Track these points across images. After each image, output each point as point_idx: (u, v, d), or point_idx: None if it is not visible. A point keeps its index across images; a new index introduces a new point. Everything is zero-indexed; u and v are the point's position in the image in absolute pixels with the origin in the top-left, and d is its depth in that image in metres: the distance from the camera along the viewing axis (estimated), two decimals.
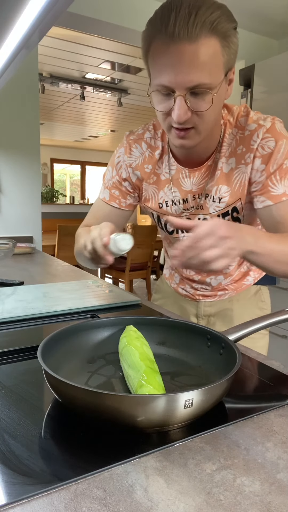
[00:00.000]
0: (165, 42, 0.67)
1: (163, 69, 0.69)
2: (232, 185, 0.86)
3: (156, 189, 0.95)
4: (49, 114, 6.48)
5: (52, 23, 0.69)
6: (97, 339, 0.70)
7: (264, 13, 2.67)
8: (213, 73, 0.69)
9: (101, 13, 2.34)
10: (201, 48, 0.66)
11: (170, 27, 0.65)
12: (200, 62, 0.67)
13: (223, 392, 0.52)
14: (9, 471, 0.42)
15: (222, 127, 0.85)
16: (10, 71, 0.99)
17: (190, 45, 0.65)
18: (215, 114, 0.76)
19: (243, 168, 0.84)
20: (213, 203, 0.89)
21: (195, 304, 1.10)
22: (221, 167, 0.86)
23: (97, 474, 0.42)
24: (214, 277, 1.04)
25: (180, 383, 0.61)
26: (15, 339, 0.82)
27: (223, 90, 0.74)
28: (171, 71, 0.68)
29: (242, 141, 0.83)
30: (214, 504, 0.38)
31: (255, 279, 1.07)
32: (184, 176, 0.90)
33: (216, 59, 0.68)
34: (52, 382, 0.51)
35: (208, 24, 0.65)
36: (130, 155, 0.95)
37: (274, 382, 0.65)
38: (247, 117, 0.83)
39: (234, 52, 0.72)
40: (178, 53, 0.66)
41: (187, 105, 0.71)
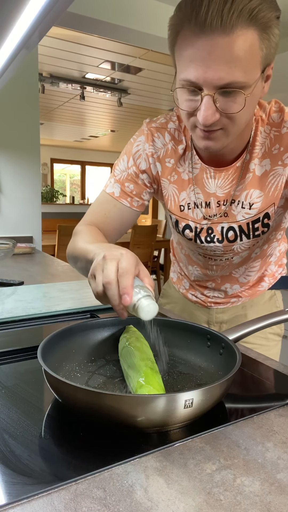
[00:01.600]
0: (195, 32, 0.58)
1: (190, 63, 0.60)
2: (266, 190, 0.77)
3: (177, 190, 0.84)
4: (49, 114, 6.48)
5: (52, 23, 0.69)
6: (97, 339, 0.70)
7: None
8: (249, 70, 0.60)
9: (101, 13, 2.34)
10: (237, 41, 0.57)
11: (202, 15, 0.56)
12: (234, 57, 0.58)
13: (223, 392, 0.52)
14: (9, 471, 0.42)
15: (254, 125, 0.75)
16: (10, 71, 0.99)
17: (224, 37, 0.56)
18: (248, 116, 0.67)
19: (280, 170, 0.75)
20: (242, 210, 0.79)
21: (206, 310, 1.03)
22: (253, 169, 0.76)
23: (97, 474, 0.42)
24: (230, 285, 0.97)
25: (180, 383, 0.61)
26: (15, 339, 0.82)
27: (258, 89, 0.64)
28: (199, 66, 0.59)
29: (279, 140, 0.73)
30: (214, 504, 0.38)
31: (269, 284, 1.01)
32: (208, 176, 0.80)
33: (253, 54, 0.59)
34: (52, 382, 0.51)
35: (247, 12, 0.56)
36: (152, 144, 0.83)
37: (274, 382, 0.65)
38: (282, 113, 0.74)
39: (274, 46, 0.63)
40: (210, 45, 0.57)
41: (216, 106, 0.62)
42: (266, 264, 0.97)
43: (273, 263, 1.00)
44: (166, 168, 0.83)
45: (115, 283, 0.53)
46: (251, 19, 0.56)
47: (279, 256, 1.00)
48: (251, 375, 0.67)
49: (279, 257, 1.01)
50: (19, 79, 2.27)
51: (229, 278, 0.96)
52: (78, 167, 10.27)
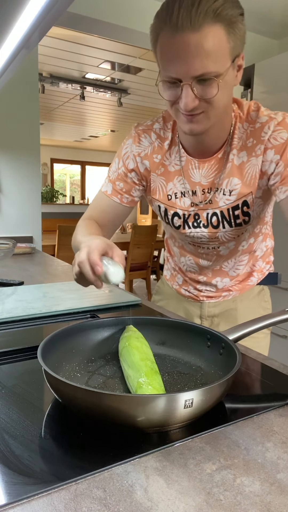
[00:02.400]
0: (171, 33, 0.68)
1: (169, 60, 0.70)
2: (244, 178, 0.85)
3: (164, 181, 0.93)
4: (49, 114, 6.48)
5: (52, 23, 0.69)
6: (97, 339, 0.70)
7: (264, 13, 2.67)
8: (219, 60, 0.69)
9: (101, 13, 2.34)
10: (206, 37, 0.66)
11: (174, 18, 0.66)
12: (204, 51, 0.67)
13: (223, 392, 0.52)
14: (9, 471, 0.42)
15: (233, 120, 0.85)
16: (10, 71, 0.99)
17: (194, 34, 0.66)
18: (225, 100, 0.75)
19: (254, 160, 0.83)
20: (223, 196, 0.88)
21: (198, 305, 1.09)
22: (232, 159, 0.85)
23: (97, 474, 0.42)
24: (220, 279, 1.03)
25: (180, 383, 0.61)
26: (15, 339, 0.82)
27: (230, 76, 0.73)
28: (177, 62, 0.69)
29: (253, 134, 0.83)
30: (214, 504, 0.38)
31: (258, 279, 1.07)
32: (193, 167, 0.89)
33: (221, 46, 0.68)
34: (52, 382, 0.51)
35: (211, 12, 0.65)
36: (139, 145, 0.93)
37: (274, 382, 0.65)
38: (258, 112, 0.84)
39: (241, 38, 0.71)
40: (183, 43, 0.67)
41: (194, 93, 0.71)
42: (253, 258, 1.04)
43: (260, 259, 1.06)
44: (154, 163, 0.93)
45: (86, 261, 0.67)
46: (216, 17, 0.66)
47: (266, 252, 1.06)
48: (251, 375, 0.67)
49: (266, 254, 1.07)
50: (19, 79, 2.27)
51: (220, 272, 1.03)
52: (78, 167, 10.27)
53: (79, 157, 10.01)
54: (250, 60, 2.95)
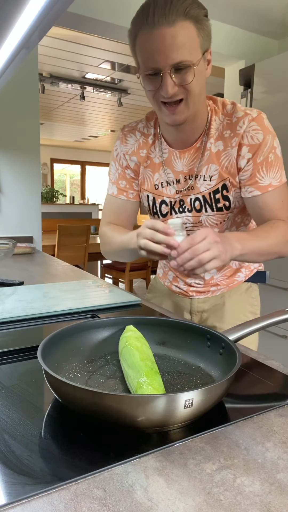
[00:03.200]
0: (149, 30, 0.77)
1: (149, 53, 0.79)
2: (221, 165, 0.93)
3: (151, 172, 1.02)
4: (49, 114, 6.48)
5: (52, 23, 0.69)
6: (97, 339, 0.70)
7: (264, 13, 2.67)
8: (192, 51, 0.79)
9: (101, 13, 2.34)
10: (179, 30, 0.76)
11: (151, 18, 0.77)
12: (179, 42, 0.77)
13: (223, 392, 0.52)
14: (9, 471, 0.42)
15: (209, 113, 0.94)
16: (10, 71, 0.99)
17: (169, 28, 0.76)
18: (199, 87, 0.84)
19: (229, 150, 0.92)
20: (204, 182, 0.96)
21: (188, 300, 1.14)
22: (209, 147, 0.93)
23: (97, 474, 0.42)
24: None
25: (180, 383, 0.61)
26: (15, 339, 0.82)
27: (202, 67, 0.83)
28: (156, 53, 0.78)
29: (229, 126, 0.91)
30: (214, 504, 0.38)
31: (246, 276, 1.12)
32: (175, 157, 0.98)
33: (192, 39, 0.78)
34: (52, 382, 0.51)
35: (182, 10, 0.76)
36: (126, 144, 1.03)
37: (274, 382, 0.65)
38: (235, 106, 0.92)
39: (207, 34, 0.82)
40: (160, 36, 0.77)
41: (173, 80, 0.80)
42: None
43: None
44: (141, 157, 1.03)
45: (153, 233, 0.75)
46: (186, 14, 0.77)
47: None
48: (251, 375, 0.67)
49: None
50: (19, 79, 2.27)
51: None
52: (78, 167, 10.27)
53: (79, 157, 10.01)
54: (250, 60, 2.95)
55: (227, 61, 3.03)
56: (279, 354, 2.41)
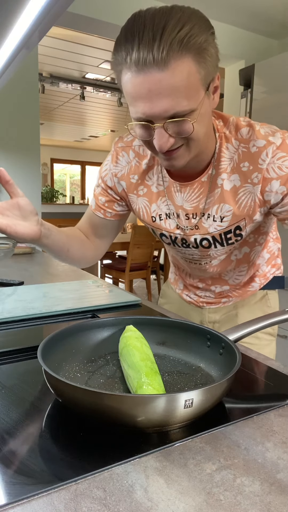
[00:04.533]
0: (134, 73, 0.60)
1: (136, 102, 0.63)
2: (237, 205, 0.79)
3: (148, 202, 0.89)
4: (49, 114, 6.48)
5: (52, 23, 0.69)
6: (97, 339, 0.70)
7: (264, 13, 2.67)
8: (191, 96, 0.62)
9: (101, 13, 2.34)
10: (173, 74, 0.59)
11: (135, 57, 0.58)
12: (174, 89, 0.60)
13: (223, 392, 0.52)
14: (9, 471, 0.42)
15: (218, 141, 0.77)
16: (10, 71, 0.99)
17: (160, 72, 0.58)
18: (204, 130, 0.69)
19: (249, 187, 0.76)
20: (213, 223, 0.82)
21: (199, 310, 1.08)
22: (221, 184, 0.79)
23: (97, 474, 0.42)
24: (220, 286, 1.01)
25: (180, 383, 0.61)
26: (15, 339, 0.82)
27: (206, 106, 0.67)
28: (144, 103, 0.62)
29: (248, 157, 0.75)
30: (214, 504, 0.38)
31: (260, 284, 1.03)
32: (175, 190, 0.84)
33: (191, 79, 0.61)
34: (52, 382, 0.51)
35: (177, 44, 0.57)
36: (116, 164, 0.90)
37: (274, 382, 0.65)
38: (252, 129, 0.75)
39: (213, 62, 0.63)
40: (148, 82, 0.59)
41: (168, 133, 0.65)
42: (254, 267, 1.00)
43: (264, 264, 1.02)
44: (131, 184, 0.89)
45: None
46: (183, 48, 0.58)
47: (270, 258, 1.02)
48: (251, 375, 0.67)
49: (271, 258, 1.03)
50: (19, 79, 2.27)
51: (219, 280, 1.00)
52: (78, 167, 10.27)
53: (79, 157, 10.01)
54: (250, 60, 2.95)
55: (227, 61, 3.03)
56: (279, 354, 2.41)
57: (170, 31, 0.57)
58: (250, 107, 2.60)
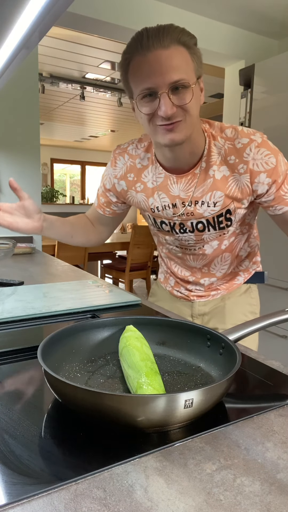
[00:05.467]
0: (143, 54, 0.78)
1: (145, 76, 0.79)
2: (227, 191, 0.93)
3: (145, 197, 1.02)
4: (49, 114, 6.48)
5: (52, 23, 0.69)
6: (97, 339, 0.70)
7: (264, 13, 2.67)
8: (188, 72, 0.79)
9: (101, 13, 2.34)
10: (174, 53, 0.77)
11: (145, 43, 0.77)
12: (175, 63, 0.78)
13: (223, 392, 0.52)
14: (9, 471, 0.42)
15: (207, 139, 0.93)
16: (10, 71, 0.99)
17: (164, 51, 0.77)
18: (197, 110, 0.84)
19: (237, 176, 0.91)
20: (207, 208, 0.96)
21: (189, 304, 1.17)
22: (213, 175, 0.93)
23: (97, 474, 0.42)
24: (208, 279, 1.12)
25: (180, 383, 0.61)
26: (15, 339, 0.82)
27: (198, 91, 0.83)
28: (152, 75, 0.78)
29: (234, 152, 0.90)
30: (214, 504, 0.38)
31: (245, 278, 1.15)
32: (172, 182, 0.97)
33: (187, 62, 0.79)
34: (52, 382, 0.51)
35: (175, 36, 0.77)
36: (115, 167, 1.05)
37: (274, 382, 0.65)
38: (236, 130, 0.90)
39: (199, 62, 0.83)
40: (156, 58, 0.77)
41: (171, 101, 0.79)
42: (237, 258, 1.11)
43: (246, 259, 1.14)
44: (129, 182, 1.04)
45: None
46: (179, 41, 0.78)
47: (251, 252, 1.14)
48: (251, 375, 0.67)
49: (252, 254, 1.14)
50: (19, 79, 2.27)
51: (208, 274, 1.12)
52: (78, 167, 10.26)
53: (79, 157, 10.00)
54: (250, 60, 2.95)
55: (227, 61, 3.03)
56: (279, 354, 2.42)
57: (169, 30, 0.78)
58: (250, 107, 2.60)
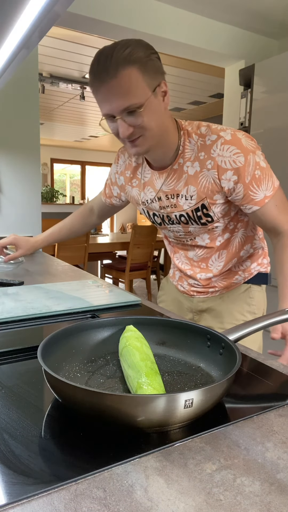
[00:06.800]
0: (97, 85, 0.85)
1: (101, 103, 0.87)
2: (198, 186, 0.99)
3: (139, 191, 1.13)
4: (49, 114, 6.48)
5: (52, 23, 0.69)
6: (97, 339, 0.70)
7: (264, 13, 2.67)
8: (138, 94, 0.84)
9: (101, 13, 2.34)
10: (122, 79, 0.82)
11: (97, 74, 0.84)
12: (124, 90, 0.83)
13: (223, 392, 0.52)
14: (9, 471, 0.42)
15: (182, 136, 0.99)
16: (10, 71, 0.99)
17: (113, 79, 0.82)
18: (155, 122, 0.89)
19: (206, 172, 0.97)
20: (186, 201, 1.02)
21: (190, 299, 1.22)
22: (186, 170, 1.00)
23: (97, 474, 0.42)
24: (205, 274, 1.16)
25: (180, 383, 0.61)
26: (15, 339, 0.82)
27: (154, 103, 0.88)
28: (106, 103, 0.86)
29: (203, 148, 0.96)
30: (214, 504, 0.38)
31: (244, 278, 1.16)
32: (155, 178, 1.07)
33: (137, 83, 0.83)
34: (52, 382, 0.51)
35: (122, 59, 0.81)
36: (117, 164, 1.20)
37: (274, 382, 0.65)
38: (209, 128, 0.96)
39: (155, 71, 0.86)
40: (105, 89, 0.84)
41: (126, 123, 0.87)
42: (237, 257, 1.13)
43: (248, 260, 1.15)
44: (126, 178, 1.17)
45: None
46: (128, 61, 0.82)
47: (254, 254, 1.16)
48: (251, 375, 0.67)
49: (256, 256, 1.16)
50: (19, 79, 2.27)
51: (205, 270, 1.16)
52: (78, 167, 10.26)
53: (79, 157, 10.00)
54: (250, 60, 2.95)
55: (227, 61, 3.03)
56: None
57: (118, 52, 0.82)
58: (250, 107, 2.60)
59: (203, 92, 4.99)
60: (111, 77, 0.82)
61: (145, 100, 0.85)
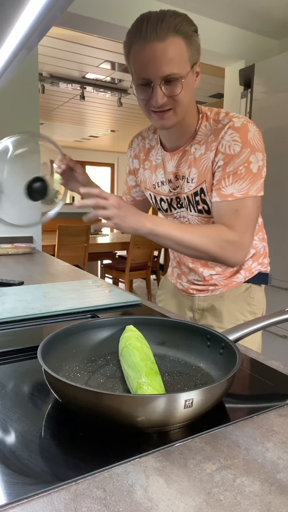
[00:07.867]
0: (141, 44, 0.83)
1: (141, 65, 0.85)
2: (199, 168, 0.98)
3: (150, 173, 1.12)
4: (49, 114, 6.48)
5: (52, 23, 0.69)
6: (97, 339, 0.70)
7: (264, 13, 2.67)
8: (181, 65, 0.84)
9: (101, 13, 2.34)
10: (169, 45, 0.81)
11: (143, 33, 0.82)
12: (169, 57, 0.82)
13: (223, 392, 0.52)
14: (9, 471, 0.42)
15: (200, 120, 0.98)
16: (10, 71, 0.99)
17: (160, 43, 0.81)
18: (188, 98, 0.89)
19: (209, 153, 0.96)
20: (187, 184, 1.02)
21: (190, 298, 1.20)
22: (193, 152, 0.99)
23: (97, 474, 0.42)
24: (207, 270, 1.14)
25: (180, 383, 0.61)
26: (15, 339, 0.82)
27: (191, 79, 0.88)
28: (147, 66, 0.84)
29: (214, 132, 0.95)
30: (214, 504, 0.38)
31: (245, 277, 1.14)
32: (167, 159, 1.06)
33: (182, 54, 0.84)
34: (52, 382, 0.51)
35: (173, 26, 0.81)
36: (131, 148, 1.19)
37: (274, 382, 0.65)
38: (227, 114, 0.95)
39: (197, 49, 0.87)
40: (151, 51, 0.82)
41: (163, 92, 0.85)
42: None
43: (249, 259, 1.14)
44: (140, 159, 1.15)
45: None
46: (176, 31, 0.82)
47: (255, 253, 1.14)
48: (251, 375, 0.67)
49: (257, 255, 1.15)
50: (19, 79, 2.27)
51: (207, 265, 1.14)
52: None
53: (79, 157, 9.99)
54: (250, 60, 2.95)
55: (227, 61, 3.03)
56: (279, 354, 2.41)
57: (169, 18, 0.81)
58: (250, 107, 2.60)
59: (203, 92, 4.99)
60: (159, 39, 0.81)
61: (186, 73, 0.85)
